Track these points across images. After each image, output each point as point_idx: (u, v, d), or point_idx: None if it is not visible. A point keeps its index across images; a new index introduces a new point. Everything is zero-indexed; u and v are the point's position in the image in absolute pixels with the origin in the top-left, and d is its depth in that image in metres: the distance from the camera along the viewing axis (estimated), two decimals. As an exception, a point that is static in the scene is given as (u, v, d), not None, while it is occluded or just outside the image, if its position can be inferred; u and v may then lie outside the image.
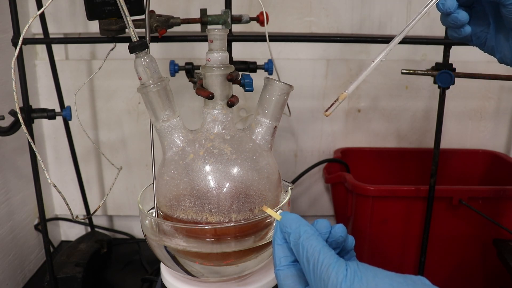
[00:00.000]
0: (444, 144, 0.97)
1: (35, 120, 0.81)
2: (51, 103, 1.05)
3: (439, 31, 1.08)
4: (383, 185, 0.91)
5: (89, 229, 1.16)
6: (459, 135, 1.19)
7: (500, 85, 1.16)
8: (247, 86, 0.62)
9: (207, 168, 0.52)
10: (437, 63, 0.81)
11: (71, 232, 1.22)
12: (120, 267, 1.09)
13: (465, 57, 1.12)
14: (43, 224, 0.83)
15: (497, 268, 0.90)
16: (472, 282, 0.97)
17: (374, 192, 0.90)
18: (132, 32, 0.56)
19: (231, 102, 0.56)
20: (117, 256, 1.11)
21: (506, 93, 1.17)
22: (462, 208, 0.90)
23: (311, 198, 1.21)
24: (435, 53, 1.11)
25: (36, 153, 0.67)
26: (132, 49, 0.54)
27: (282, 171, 0.58)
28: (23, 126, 0.64)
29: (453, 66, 0.80)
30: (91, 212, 1.12)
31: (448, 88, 0.79)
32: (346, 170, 1.07)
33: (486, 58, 1.14)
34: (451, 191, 0.89)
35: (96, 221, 1.20)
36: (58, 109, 0.95)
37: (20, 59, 0.76)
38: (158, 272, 1.03)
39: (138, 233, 1.23)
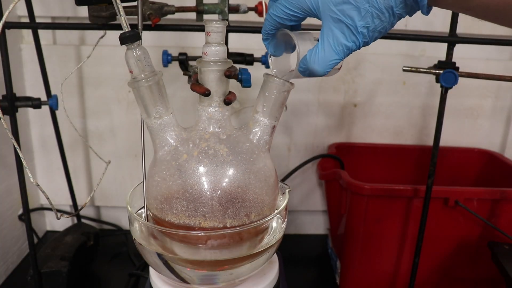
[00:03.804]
0: (440, 141, 0.95)
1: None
2: (38, 89, 1.00)
3: (440, 27, 1.06)
4: (378, 183, 0.89)
5: (75, 219, 1.13)
6: (455, 133, 1.17)
7: (498, 83, 1.14)
8: (245, 82, 0.59)
9: (202, 169, 0.49)
10: (440, 61, 0.77)
11: (57, 222, 1.18)
12: (107, 259, 1.07)
13: (464, 54, 1.09)
14: (26, 217, 0.79)
15: (491, 270, 0.89)
16: (466, 284, 0.96)
17: (369, 191, 0.88)
18: (123, 21, 0.52)
19: (228, 100, 0.52)
20: (104, 247, 1.09)
21: (503, 92, 1.15)
22: (458, 209, 0.88)
23: (303, 192, 1.19)
24: (434, 49, 1.09)
25: (19, 151, 0.62)
26: (123, 41, 0.50)
27: (275, 165, 0.55)
28: (2, 121, 0.59)
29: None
30: (78, 203, 1.09)
31: (451, 88, 0.76)
32: (340, 166, 1.05)
33: (485, 55, 1.13)
34: (448, 192, 0.88)
35: (83, 211, 1.17)
36: (44, 97, 0.91)
37: (3, 43, 0.72)
38: (145, 265, 1.01)
39: (125, 225, 1.20)
